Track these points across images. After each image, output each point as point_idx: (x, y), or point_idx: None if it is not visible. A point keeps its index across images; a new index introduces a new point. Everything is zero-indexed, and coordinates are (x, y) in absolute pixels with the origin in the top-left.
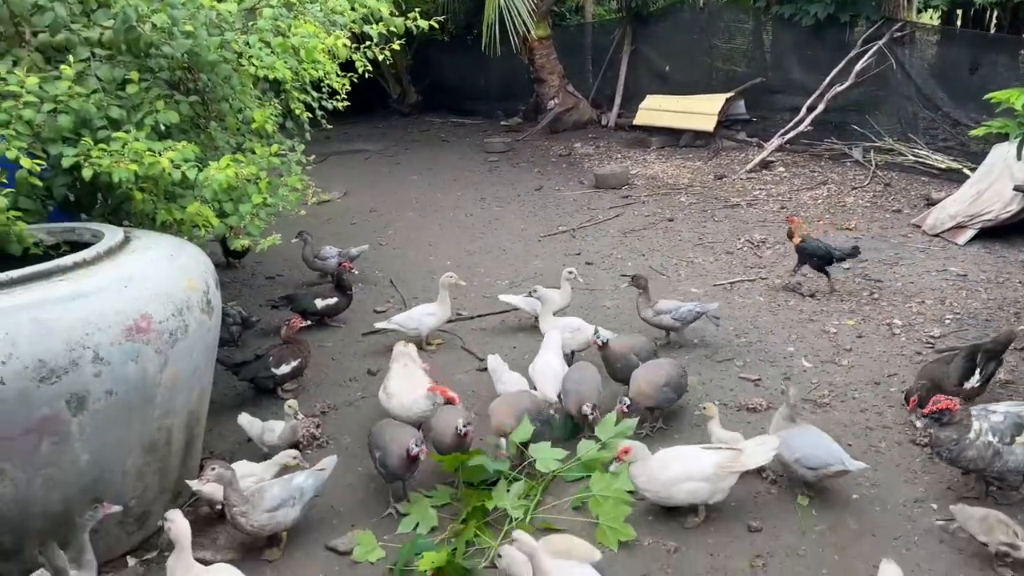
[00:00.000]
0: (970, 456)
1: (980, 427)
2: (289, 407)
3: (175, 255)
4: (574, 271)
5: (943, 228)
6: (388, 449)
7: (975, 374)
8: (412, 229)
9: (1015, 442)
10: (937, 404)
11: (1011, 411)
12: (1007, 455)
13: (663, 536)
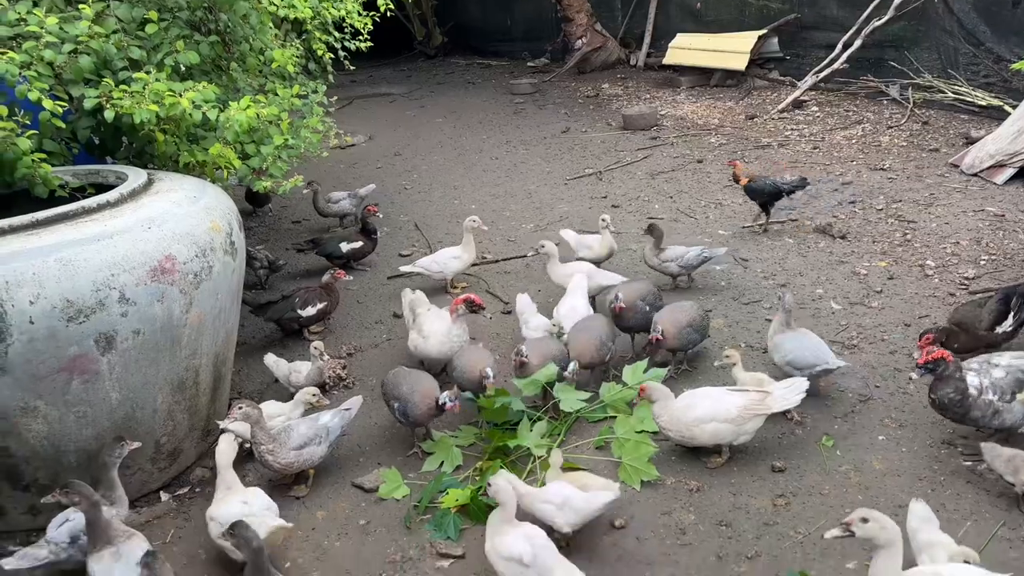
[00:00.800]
0: (974, 416)
1: (981, 384)
2: (315, 348)
3: (198, 197)
4: (607, 218)
5: (982, 167)
6: (410, 400)
7: (1008, 318)
8: (437, 172)
9: (1015, 399)
10: (931, 354)
11: (1013, 364)
12: (1006, 413)
13: (685, 476)
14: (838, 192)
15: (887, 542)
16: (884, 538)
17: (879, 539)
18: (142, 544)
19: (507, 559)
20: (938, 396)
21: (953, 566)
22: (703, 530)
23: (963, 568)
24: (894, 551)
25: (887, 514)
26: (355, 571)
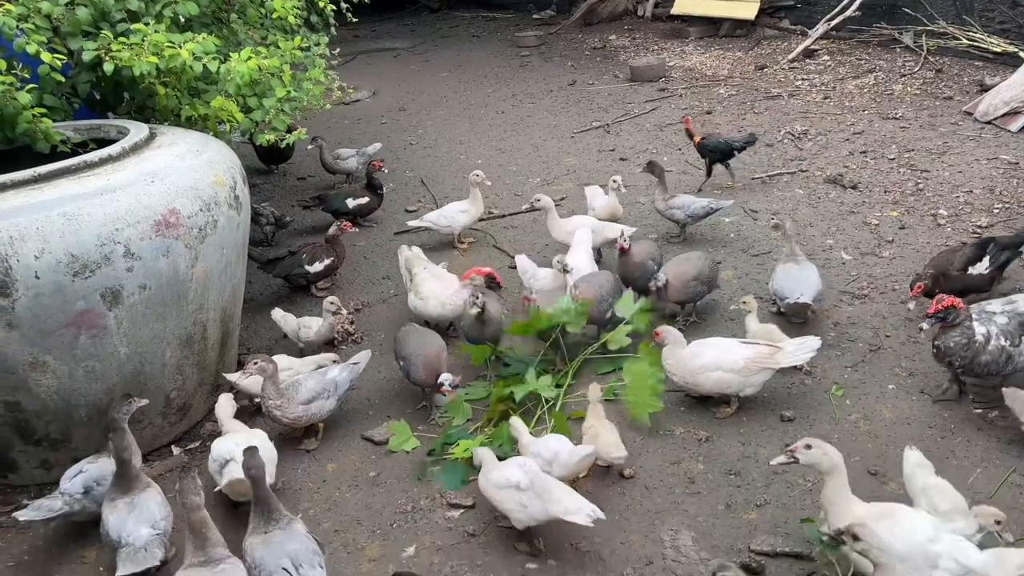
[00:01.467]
0: (984, 361)
1: (988, 331)
2: (331, 303)
3: (201, 150)
4: (618, 180)
5: (996, 115)
6: (414, 364)
7: (984, 260)
8: (442, 127)
9: (1023, 342)
10: (942, 303)
11: (1008, 309)
12: (1017, 357)
13: (694, 426)
14: (849, 142)
15: (830, 467)
16: (827, 464)
17: (822, 465)
18: (156, 496)
19: (503, 487)
20: (943, 342)
21: (907, 509)
22: (712, 479)
23: (917, 513)
24: (839, 475)
25: (897, 462)
26: (366, 521)
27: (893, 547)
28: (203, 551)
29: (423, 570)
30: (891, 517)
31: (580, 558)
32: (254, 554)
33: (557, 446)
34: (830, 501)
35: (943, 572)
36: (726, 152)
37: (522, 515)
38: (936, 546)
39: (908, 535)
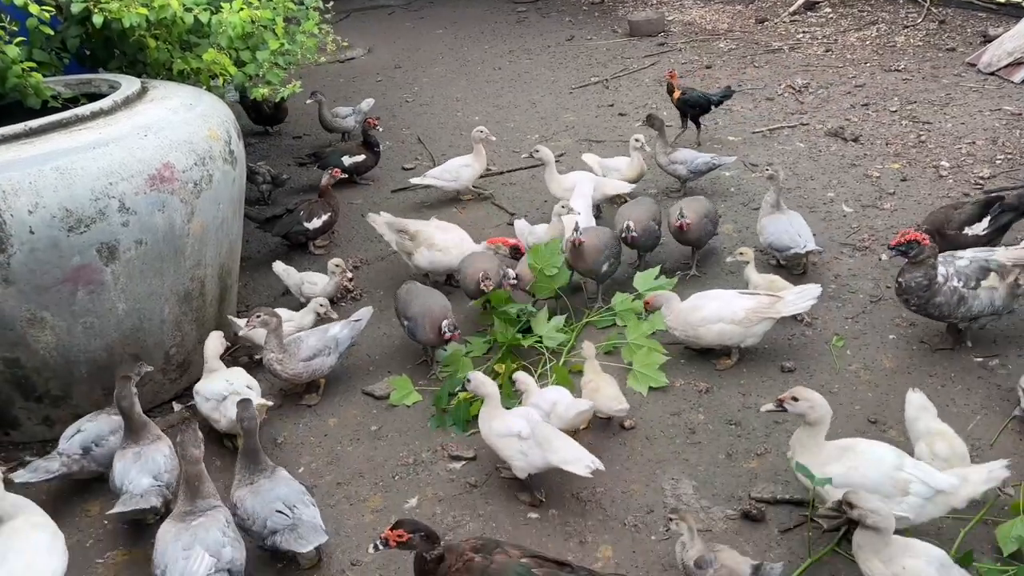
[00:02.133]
0: (938, 303)
1: (946, 272)
2: (336, 265)
3: (194, 104)
4: (641, 139)
5: (999, 65)
6: (419, 323)
7: (983, 221)
8: (438, 85)
9: (980, 286)
10: (905, 236)
11: (977, 256)
12: (972, 300)
13: (695, 378)
14: (850, 95)
15: (816, 420)
16: (813, 416)
17: (809, 416)
18: (164, 449)
19: (505, 436)
20: (904, 280)
21: (867, 442)
22: (712, 429)
23: (877, 444)
24: (820, 428)
25: (897, 410)
26: (368, 474)
27: (864, 482)
28: (191, 502)
29: (424, 520)
30: (854, 451)
31: (581, 507)
32: (245, 505)
33: (555, 397)
34: (802, 443)
35: (914, 497)
36: (704, 107)
37: (522, 463)
38: (903, 473)
39: (875, 467)
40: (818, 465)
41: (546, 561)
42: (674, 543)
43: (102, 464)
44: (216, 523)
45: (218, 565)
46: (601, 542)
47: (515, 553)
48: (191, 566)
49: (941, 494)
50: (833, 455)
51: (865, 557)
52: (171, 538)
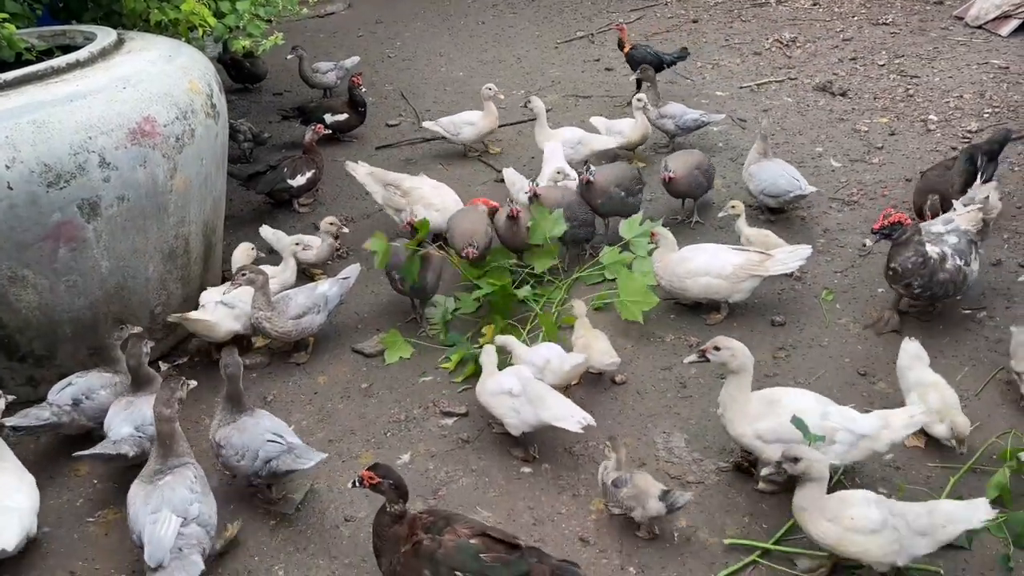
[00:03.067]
0: (942, 280)
1: (943, 251)
2: (330, 223)
3: (173, 56)
4: (643, 98)
5: (987, 19)
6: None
7: (977, 178)
8: (421, 40)
9: (974, 263)
10: (888, 218)
11: (951, 228)
12: (970, 276)
13: (685, 332)
14: (838, 49)
15: (738, 368)
16: (735, 364)
17: (731, 365)
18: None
19: (497, 393)
20: (899, 263)
21: (795, 396)
22: (703, 383)
23: (801, 393)
24: (744, 376)
25: (887, 362)
26: (359, 431)
27: (794, 433)
28: (163, 460)
29: (417, 476)
30: (779, 402)
31: (574, 461)
32: (232, 442)
33: (548, 353)
34: (731, 398)
35: (840, 444)
36: (655, 65)
37: (515, 420)
38: (829, 421)
39: (802, 417)
40: (749, 420)
41: (497, 543)
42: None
43: (91, 418)
44: (183, 481)
45: (185, 523)
46: (594, 495)
47: (465, 532)
48: (159, 531)
49: (865, 438)
50: (761, 409)
51: (812, 519)
52: (140, 502)
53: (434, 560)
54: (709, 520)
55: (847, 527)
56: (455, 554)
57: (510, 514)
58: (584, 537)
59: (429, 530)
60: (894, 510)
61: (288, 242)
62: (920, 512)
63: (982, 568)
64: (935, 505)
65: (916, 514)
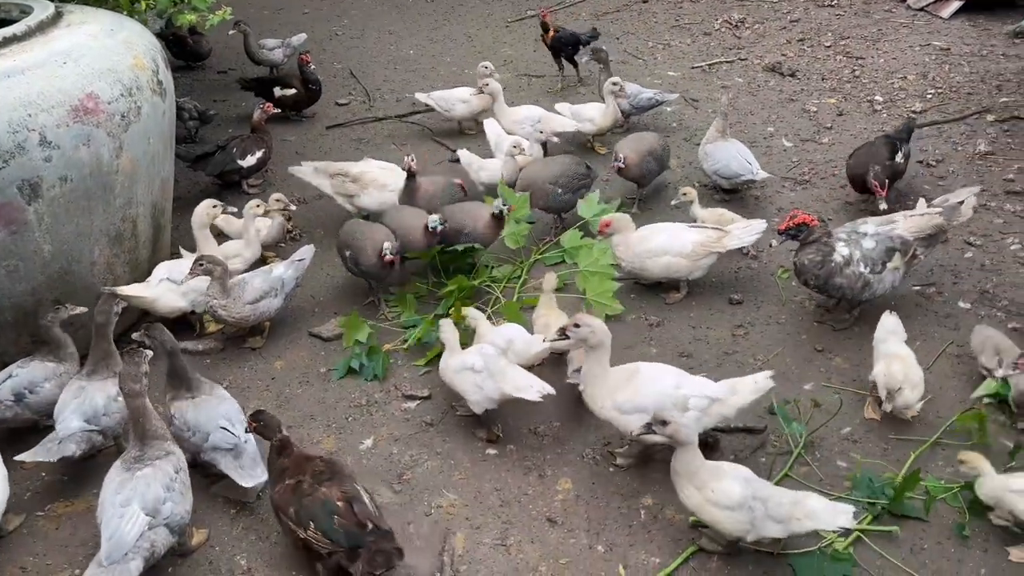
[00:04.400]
0: (838, 283)
1: (850, 255)
2: (277, 200)
3: (116, 30)
4: (618, 81)
5: (928, 1)
6: (363, 250)
7: (898, 152)
8: (368, 17)
9: (886, 269)
10: (794, 219)
11: (881, 232)
12: (876, 284)
13: (646, 312)
14: (786, 30)
15: (597, 344)
16: (594, 340)
17: (590, 341)
18: (111, 390)
19: (459, 370)
20: (798, 259)
21: (652, 369)
22: (665, 362)
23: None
24: (603, 352)
25: (844, 338)
26: (320, 416)
27: (651, 402)
28: (140, 445)
29: (381, 460)
30: (637, 375)
31: (539, 441)
32: (186, 417)
33: (512, 334)
34: (592, 374)
35: (694, 411)
36: (575, 45)
37: (479, 396)
38: (683, 390)
39: (658, 387)
40: (608, 392)
41: (352, 514)
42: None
43: (37, 412)
44: (161, 475)
45: (153, 522)
46: (560, 475)
47: (337, 494)
48: (123, 526)
49: (716, 403)
50: (620, 382)
51: (681, 483)
52: (113, 489)
53: (301, 502)
54: (675, 497)
55: (707, 498)
56: (316, 505)
57: (476, 496)
58: (551, 517)
59: (315, 477)
60: (759, 492)
61: (238, 227)
62: (783, 501)
63: (939, 537)
64: (802, 498)
65: (778, 502)
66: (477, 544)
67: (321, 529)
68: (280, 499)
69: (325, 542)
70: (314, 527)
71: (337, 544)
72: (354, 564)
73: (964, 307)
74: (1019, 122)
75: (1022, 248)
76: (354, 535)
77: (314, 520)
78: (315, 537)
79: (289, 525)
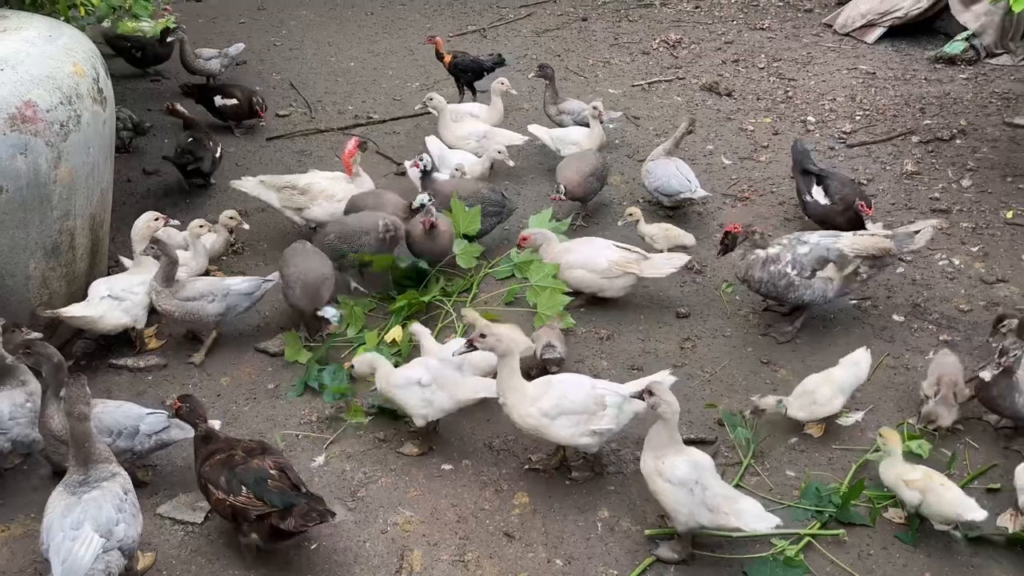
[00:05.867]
0: (758, 277)
1: (779, 255)
2: (231, 218)
3: (54, 36)
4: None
5: (853, 27)
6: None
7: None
8: (308, 28)
9: (815, 276)
10: (724, 228)
11: (821, 243)
12: (803, 288)
13: (596, 326)
14: (721, 51)
15: (505, 352)
16: (501, 348)
17: (497, 349)
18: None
19: (404, 385)
20: (731, 245)
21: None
22: (616, 374)
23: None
24: (512, 361)
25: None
26: (269, 433)
27: (575, 405)
28: (84, 469)
29: (334, 478)
30: (555, 384)
31: (495, 456)
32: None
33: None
34: (508, 385)
35: (611, 408)
36: (476, 72)
37: (427, 410)
38: (597, 390)
39: (577, 390)
40: (527, 401)
41: (287, 480)
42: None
43: None
44: (111, 496)
45: (107, 545)
46: (517, 489)
47: (269, 463)
48: (77, 550)
49: (628, 401)
50: (540, 389)
51: (645, 453)
52: (60, 513)
53: (233, 471)
54: (631, 510)
55: (657, 468)
56: (248, 472)
57: (433, 512)
58: (509, 532)
59: (247, 452)
60: (703, 479)
61: (181, 241)
62: (718, 493)
63: (885, 543)
64: (739, 497)
65: (714, 492)
66: (435, 561)
67: (254, 492)
68: (211, 472)
69: (258, 504)
70: (246, 491)
71: (271, 505)
72: (286, 521)
73: (898, 320)
74: (942, 144)
75: (949, 264)
76: (288, 495)
77: (247, 485)
78: (247, 501)
79: (218, 495)
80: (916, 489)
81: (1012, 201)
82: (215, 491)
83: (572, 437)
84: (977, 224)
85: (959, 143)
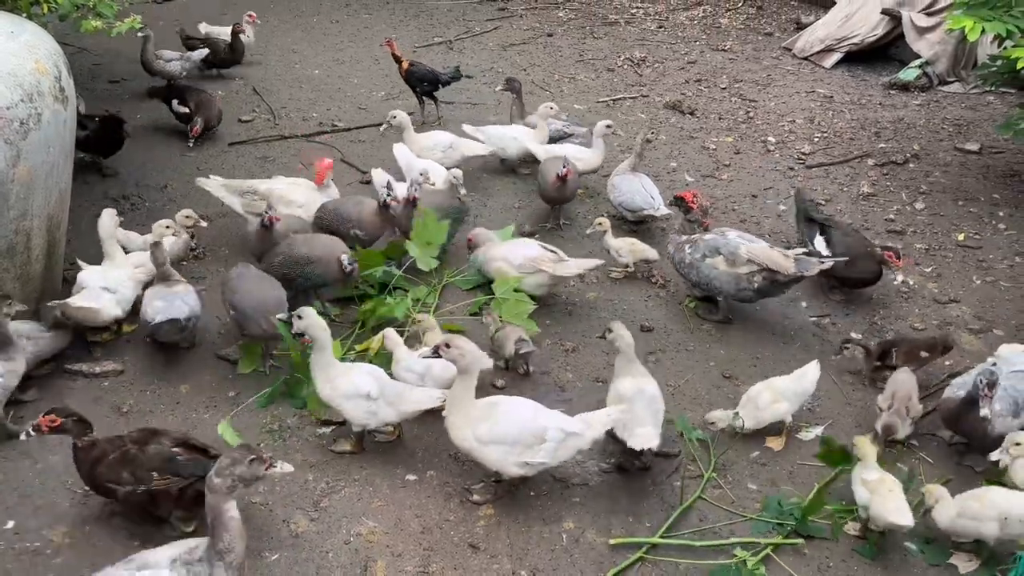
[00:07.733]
0: (670, 253)
1: (689, 239)
2: (186, 216)
3: (16, 32)
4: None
5: (812, 51)
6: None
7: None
8: (271, 35)
9: (704, 261)
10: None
11: (727, 238)
12: (691, 268)
13: (561, 338)
14: (684, 70)
15: (466, 367)
16: (463, 363)
17: (460, 363)
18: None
19: (352, 396)
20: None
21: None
22: (581, 387)
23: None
24: (470, 378)
25: (748, 366)
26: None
27: (508, 435)
28: None
29: (297, 488)
30: (497, 407)
31: (459, 467)
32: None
33: (430, 360)
34: (457, 399)
35: (551, 442)
36: (432, 82)
37: (370, 421)
38: (540, 421)
39: (517, 420)
40: (469, 423)
41: (196, 450)
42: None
43: None
44: None
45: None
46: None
47: (167, 442)
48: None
49: (572, 436)
50: (482, 413)
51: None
52: None
53: (134, 463)
54: (595, 521)
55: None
56: (152, 457)
57: (397, 523)
58: (474, 543)
59: (137, 443)
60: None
61: (140, 244)
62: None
63: (844, 555)
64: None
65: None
66: (398, 572)
67: (168, 472)
68: (109, 473)
69: (176, 479)
70: (158, 475)
71: (194, 475)
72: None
73: (856, 337)
74: (896, 167)
75: (904, 284)
76: (204, 463)
77: (157, 470)
78: (162, 483)
79: (125, 491)
80: (868, 489)
81: (963, 224)
82: (121, 488)
83: (502, 465)
84: (930, 245)
85: (912, 167)
